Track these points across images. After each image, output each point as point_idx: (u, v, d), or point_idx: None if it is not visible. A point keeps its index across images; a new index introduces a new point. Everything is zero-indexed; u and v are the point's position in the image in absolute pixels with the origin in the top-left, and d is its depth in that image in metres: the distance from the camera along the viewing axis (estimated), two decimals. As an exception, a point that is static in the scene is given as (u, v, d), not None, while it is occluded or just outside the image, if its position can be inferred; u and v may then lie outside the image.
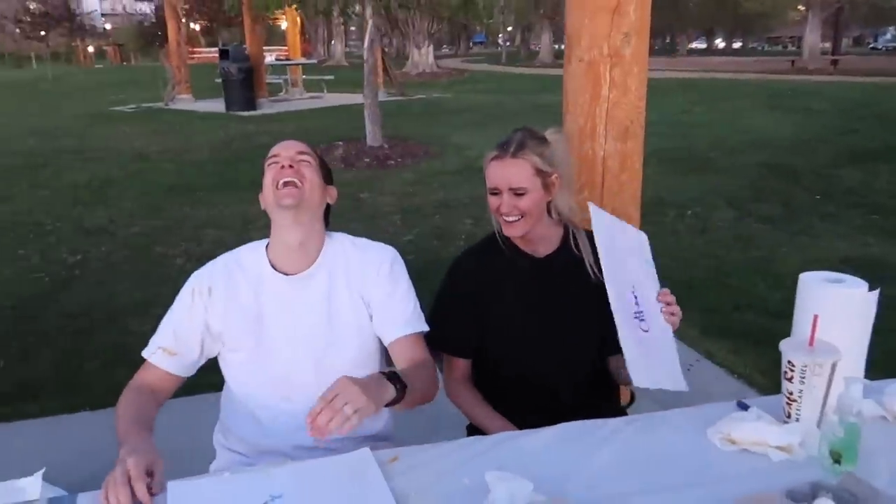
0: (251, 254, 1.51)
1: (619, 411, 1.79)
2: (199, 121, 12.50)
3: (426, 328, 1.52)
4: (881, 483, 1.11)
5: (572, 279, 1.67)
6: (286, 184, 1.41)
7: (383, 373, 1.27)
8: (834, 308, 1.27)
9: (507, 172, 1.58)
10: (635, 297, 1.51)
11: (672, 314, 1.56)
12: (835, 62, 22.68)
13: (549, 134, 1.65)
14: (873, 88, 14.70)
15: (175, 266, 4.84)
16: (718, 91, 15.34)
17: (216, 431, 1.62)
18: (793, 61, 24.41)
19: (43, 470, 1.59)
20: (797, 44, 44.69)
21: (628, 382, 1.78)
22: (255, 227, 5.67)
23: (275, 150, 1.48)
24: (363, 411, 1.11)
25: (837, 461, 1.17)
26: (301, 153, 1.47)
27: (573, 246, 1.68)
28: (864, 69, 20.62)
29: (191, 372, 1.50)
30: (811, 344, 1.26)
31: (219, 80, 13.92)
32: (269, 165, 1.45)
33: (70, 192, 7.23)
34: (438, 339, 1.63)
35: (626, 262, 1.55)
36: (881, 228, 5.39)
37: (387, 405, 1.25)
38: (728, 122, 10.78)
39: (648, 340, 1.49)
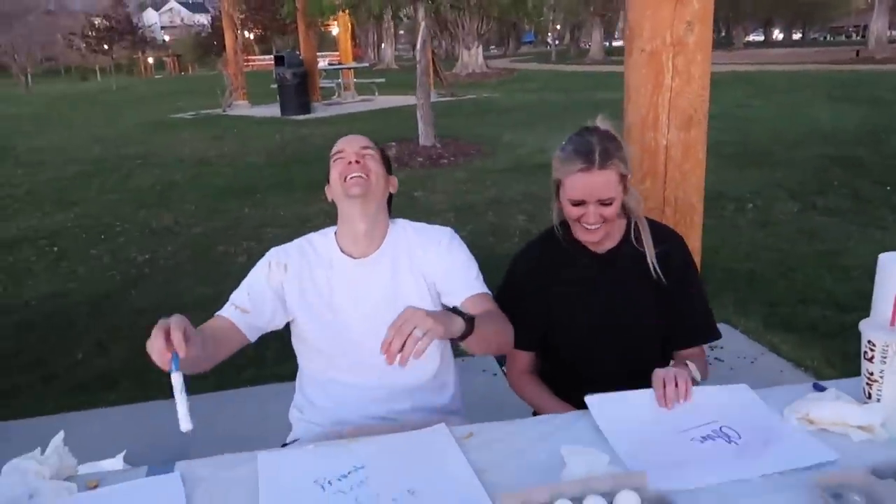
0: (322, 239, 1.60)
1: None
2: (256, 126, 12.83)
3: (489, 293, 1.57)
4: (970, 462, 1.08)
5: (634, 274, 1.63)
6: (353, 177, 1.50)
7: (449, 308, 1.34)
8: (916, 286, 1.24)
9: (596, 184, 1.51)
10: (702, 438, 1.26)
11: (677, 389, 1.36)
12: (902, 50, 21.72)
13: (601, 122, 1.60)
14: (944, 76, 14.06)
15: (237, 264, 5.00)
16: (777, 84, 14.90)
17: (292, 408, 1.70)
18: (857, 51, 23.49)
19: (124, 452, 1.68)
20: (862, 33, 42.92)
21: (696, 381, 1.75)
22: (311, 226, 5.75)
23: (340, 145, 1.56)
24: (432, 332, 1.16)
25: (923, 440, 1.15)
26: (365, 147, 1.55)
27: (634, 240, 1.64)
28: (934, 57, 19.67)
29: (253, 337, 1.53)
30: (893, 323, 1.24)
31: (274, 86, 14.25)
32: (335, 161, 1.54)
33: (136, 195, 7.54)
34: None
35: (661, 422, 1.31)
36: (956, 220, 5.17)
37: (458, 339, 1.31)
38: (787, 115, 10.46)
39: (755, 441, 1.24)
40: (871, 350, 1.24)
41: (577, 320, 1.67)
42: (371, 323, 1.51)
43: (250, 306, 1.51)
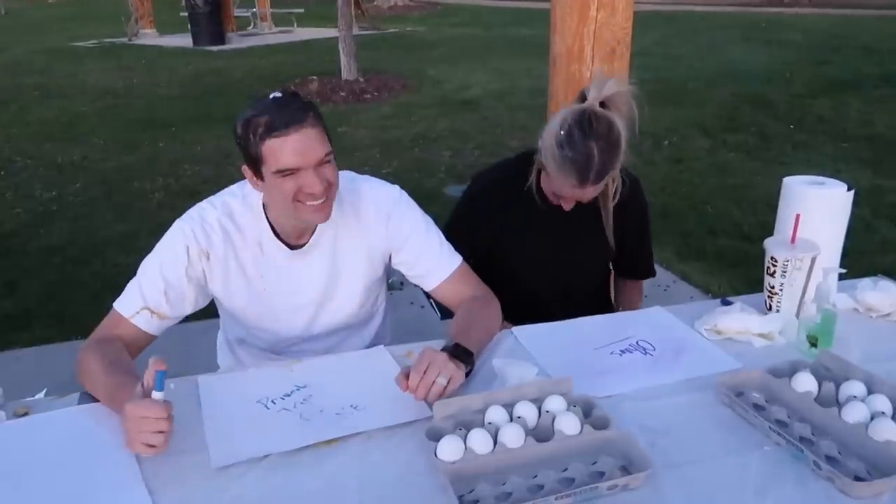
0: (249, 215, 1.35)
1: None
2: (167, 56, 12.10)
3: (459, 260, 1.46)
4: (853, 361, 1.21)
5: (590, 218, 1.65)
6: (315, 205, 1.24)
7: (448, 351, 1.21)
8: (814, 207, 1.36)
9: (585, 195, 1.49)
10: (620, 352, 1.35)
11: None
12: (810, -6, 22.50)
13: (612, 88, 1.43)
14: (846, 20, 14.72)
15: (154, 200, 4.81)
16: (694, 24, 15.21)
17: (220, 352, 1.64)
18: (768, -7, 24.14)
19: (44, 391, 1.63)
20: (772, -24, 44.03)
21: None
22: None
23: (290, 158, 1.19)
24: (455, 380, 1.13)
25: (814, 344, 1.28)
26: (325, 156, 1.23)
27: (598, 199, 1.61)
28: (838, 2, 20.54)
29: (164, 329, 1.35)
30: (793, 241, 1.35)
31: (184, 14, 13.41)
32: (284, 176, 1.21)
33: (39, 128, 7.04)
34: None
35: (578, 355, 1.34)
36: (851, 155, 5.53)
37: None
38: (704, 55, 10.75)
39: (668, 352, 1.34)
40: (774, 265, 1.36)
41: (526, 254, 1.69)
42: (303, 313, 1.43)
43: (169, 310, 1.31)
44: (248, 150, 1.23)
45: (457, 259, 1.46)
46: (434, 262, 1.44)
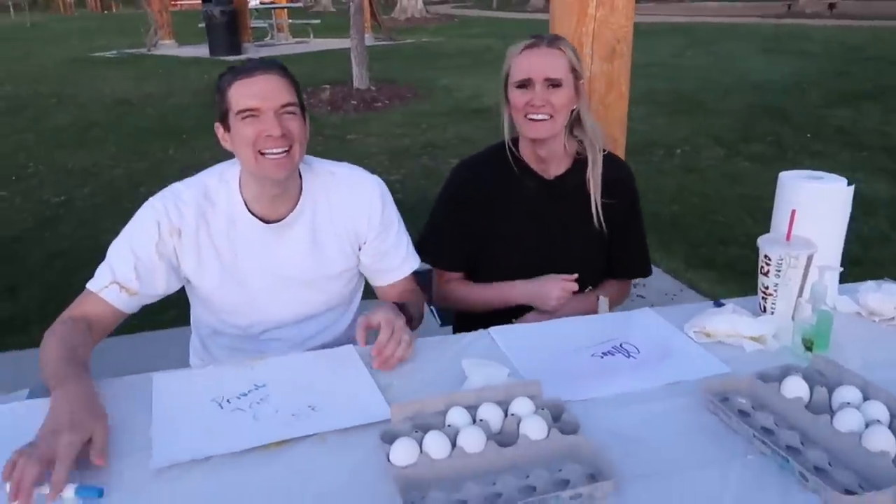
0: (223, 190, 1.33)
1: None
2: (183, 66, 12.23)
3: (418, 262, 1.48)
4: (853, 367, 1.13)
5: (580, 204, 1.57)
6: (275, 155, 1.22)
7: (393, 310, 1.27)
8: (811, 203, 1.28)
9: (544, 61, 1.44)
10: (602, 354, 1.27)
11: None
12: (832, 6, 22.27)
13: None
14: (868, 32, 14.50)
15: (161, 206, 4.81)
16: (711, 35, 15.10)
17: (192, 353, 1.58)
18: (789, 5, 23.93)
19: (27, 390, 1.58)
20: (793, -11, 43.70)
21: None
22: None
23: (251, 99, 1.22)
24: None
25: (809, 348, 1.19)
26: (286, 105, 1.23)
27: (585, 179, 1.56)
28: (861, 13, 20.29)
29: (135, 310, 1.33)
30: (788, 238, 1.27)
31: (202, 25, 13.58)
32: (244, 118, 1.22)
33: (52, 135, 7.11)
34: (432, 255, 1.59)
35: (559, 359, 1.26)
36: (869, 165, 5.39)
37: None
38: (720, 66, 10.63)
39: (652, 355, 1.26)
40: (767, 264, 1.28)
41: (515, 244, 1.60)
42: (281, 295, 1.39)
43: (138, 286, 1.28)
44: (219, 103, 1.26)
45: (416, 262, 1.48)
46: (399, 260, 1.45)
